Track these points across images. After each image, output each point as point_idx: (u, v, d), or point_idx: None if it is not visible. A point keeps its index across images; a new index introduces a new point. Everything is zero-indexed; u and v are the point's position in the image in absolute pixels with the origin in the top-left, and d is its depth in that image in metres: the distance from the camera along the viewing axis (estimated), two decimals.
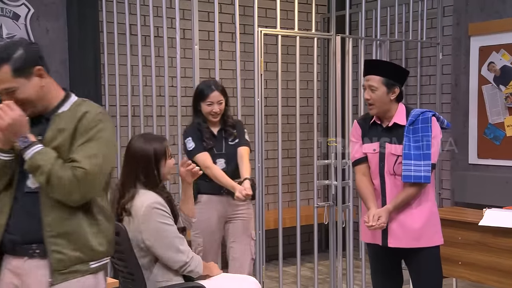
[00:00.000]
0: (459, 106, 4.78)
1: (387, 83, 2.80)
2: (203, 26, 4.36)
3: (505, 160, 4.49)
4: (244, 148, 3.33)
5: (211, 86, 3.29)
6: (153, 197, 2.53)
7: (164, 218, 2.50)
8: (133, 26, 4.10)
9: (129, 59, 4.07)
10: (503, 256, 3.40)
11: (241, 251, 3.32)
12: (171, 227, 2.52)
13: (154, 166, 2.54)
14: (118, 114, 4.14)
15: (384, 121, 2.88)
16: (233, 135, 3.34)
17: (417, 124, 2.79)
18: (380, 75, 2.80)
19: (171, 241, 2.50)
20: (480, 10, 4.63)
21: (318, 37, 4.29)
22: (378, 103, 2.81)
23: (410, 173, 2.73)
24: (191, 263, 2.54)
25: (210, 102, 3.26)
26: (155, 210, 2.49)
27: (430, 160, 2.75)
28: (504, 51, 4.50)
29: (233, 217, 3.35)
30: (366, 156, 2.90)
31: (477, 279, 3.58)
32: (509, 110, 4.49)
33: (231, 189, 3.21)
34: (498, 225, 3.36)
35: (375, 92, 2.80)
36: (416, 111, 2.84)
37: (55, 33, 4.18)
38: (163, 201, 2.54)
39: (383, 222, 2.76)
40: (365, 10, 4.43)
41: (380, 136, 2.85)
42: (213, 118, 3.29)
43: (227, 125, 3.34)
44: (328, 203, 4.17)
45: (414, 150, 2.74)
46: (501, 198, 4.22)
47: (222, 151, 3.30)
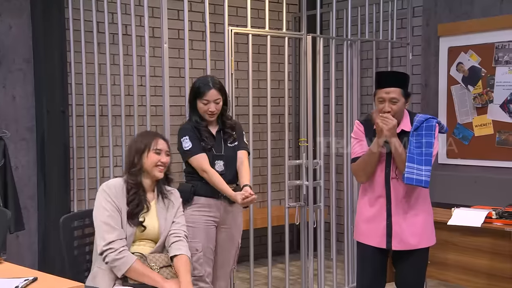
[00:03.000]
0: (428, 107, 4.82)
1: (405, 94, 2.84)
2: (172, 24, 4.31)
3: (473, 159, 4.55)
4: (244, 152, 3.22)
5: (209, 84, 3.12)
6: (111, 181, 2.67)
7: (102, 200, 2.58)
8: (100, 24, 4.03)
9: (96, 57, 4.00)
10: (472, 255, 3.42)
11: (225, 260, 3.23)
12: (105, 211, 2.56)
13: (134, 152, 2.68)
14: (85, 113, 4.07)
15: None
16: (233, 137, 3.20)
17: (421, 130, 2.82)
18: (399, 86, 2.81)
19: (98, 223, 2.57)
20: (449, 11, 4.68)
21: (289, 37, 4.27)
22: (397, 115, 2.82)
23: (412, 176, 2.76)
24: (108, 254, 2.51)
25: (206, 100, 3.09)
26: (101, 190, 2.63)
27: (430, 165, 2.80)
28: (472, 51, 4.56)
29: (227, 226, 3.22)
30: None
31: (446, 278, 3.60)
32: (477, 110, 4.55)
33: (228, 197, 3.08)
34: (466, 224, 3.39)
35: (396, 104, 2.81)
36: (420, 117, 2.87)
37: (18, 30, 4.08)
38: (114, 185, 2.62)
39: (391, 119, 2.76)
40: (336, 9, 4.45)
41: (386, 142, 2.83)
42: (210, 117, 3.13)
43: (226, 126, 3.18)
44: (300, 204, 4.16)
45: (417, 155, 2.78)
46: (469, 198, 4.27)
47: (221, 152, 3.14)
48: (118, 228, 2.55)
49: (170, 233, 2.68)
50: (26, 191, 4.16)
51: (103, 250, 2.52)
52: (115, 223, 2.54)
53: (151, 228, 2.64)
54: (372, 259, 2.95)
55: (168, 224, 2.69)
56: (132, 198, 2.61)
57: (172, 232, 2.68)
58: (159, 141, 2.71)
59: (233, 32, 3.87)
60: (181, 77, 4.32)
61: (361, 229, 2.97)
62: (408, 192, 2.85)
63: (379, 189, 2.88)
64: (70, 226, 2.76)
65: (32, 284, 2.26)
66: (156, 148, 2.68)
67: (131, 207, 2.59)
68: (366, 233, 2.94)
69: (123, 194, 2.60)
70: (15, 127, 4.11)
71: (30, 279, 2.27)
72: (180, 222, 2.73)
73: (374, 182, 2.90)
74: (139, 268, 2.53)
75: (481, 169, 4.50)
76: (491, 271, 3.35)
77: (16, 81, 4.11)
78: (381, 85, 2.84)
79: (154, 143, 2.69)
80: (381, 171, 2.87)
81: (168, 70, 3.63)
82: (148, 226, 2.63)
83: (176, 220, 2.72)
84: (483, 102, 4.52)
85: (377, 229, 2.90)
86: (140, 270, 2.52)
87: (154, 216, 2.66)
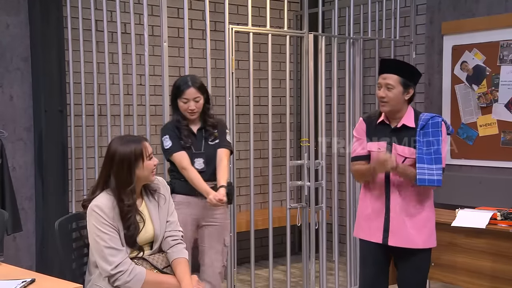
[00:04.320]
0: (432, 106, 4.80)
1: (404, 83, 2.85)
2: (172, 23, 4.30)
3: (478, 160, 4.52)
4: (224, 150, 3.21)
5: (188, 82, 3.17)
6: (100, 200, 2.47)
7: (98, 223, 2.44)
8: (99, 22, 4.01)
9: (95, 56, 3.98)
10: (476, 257, 3.41)
11: (214, 258, 3.23)
12: (104, 235, 2.43)
13: (127, 168, 2.47)
14: (84, 113, 4.06)
15: (392, 122, 2.91)
16: (214, 135, 3.22)
17: (428, 129, 2.84)
18: (398, 74, 2.84)
19: (101, 248, 2.44)
20: (453, 8, 4.65)
21: (291, 35, 4.25)
22: (392, 102, 2.84)
23: (424, 177, 2.78)
24: (119, 277, 2.43)
25: (185, 99, 3.15)
26: (93, 212, 2.46)
27: (441, 164, 2.81)
28: (477, 50, 4.51)
29: (208, 222, 3.23)
30: (368, 155, 2.92)
31: (450, 281, 3.58)
32: (481, 109, 4.51)
33: (205, 194, 3.10)
34: (470, 226, 3.37)
35: (391, 91, 2.83)
36: (426, 116, 2.89)
37: (16, 29, 4.06)
38: (106, 206, 2.45)
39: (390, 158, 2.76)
40: (338, 8, 4.42)
41: (387, 136, 2.88)
42: (190, 115, 3.16)
43: (207, 124, 3.21)
44: (301, 205, 4.15)
45: (426, 154, 2.79)
46: (474, 199, 4.24)
47: (201, 150, 3.18)
48: (121, 248, 2.47)
49: (167, 235, 2.62)
50: (24, 192, 4.13)
51: (112, 274, 2.43)
52: (117, 245, 2.46)
53: (145, 235, 2.58)
54: (373, 256, 2.96)
55: (162, 224, 2.61)
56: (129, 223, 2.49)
57: (168, 235, 2.62)
58: (147, 145, 2.53)
59: (234, 31, 3.86)
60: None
61: (361, 226, 3.00)
62: (410, 191, 2.85)
63: (380, 187, 2.89)
64: (67, 228, 2.71)
65: (30, 286, 2.26)
66: (149, 154, 2.52)
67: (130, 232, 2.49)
68: (365, 230, 2.97)
69: (118, 216, 2.47)
70: (13, 127, 4.08)
71: (28, 281, 2.26)
72: (174, 221, 2.66)
73: (375, 181, 2.91)
74: (152, 279, 2.49)
75: (485, 169, 4.47)
76: (496, 273, 3.35)
77: (14, 80, 4.09)
78: (380, 71, 2.90)
79: (145, 149, 2.50)
80: None
81: (168, 69, 3.61)
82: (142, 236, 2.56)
83: (171, 219, 2.65)
84: (488, 102, 4.48)
85: (376, 225, 2.92)
86: (154, 280, 2.49)
87: (148, 222, 2.59)
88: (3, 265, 2.56)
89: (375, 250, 2.94)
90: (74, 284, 2.31)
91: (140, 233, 2.53)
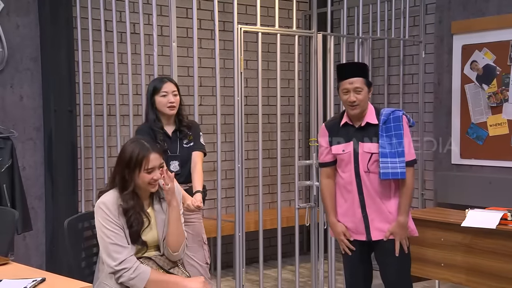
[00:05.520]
0: (441, 106, 4.77)
1: (367, 83, 2.93)
2: (181, 23, 4.30)
3: (488, 160, 4.48)
4: (198, 153, 3.22)
5: (163, 79, 3.25)
6: (107, 197, 2.51)
7: (104, 220, 2.47)
8: (108, 22, 4.02)
9: (104, 56, 3.98)
10: (486, 258, 3.39)
11: (196, 257, 3.20)
12: (109, 231, 2.45)
13: (126, 171, 2.49)
14: (93, 113, 4.07)
15: (356, 122, 2.96)
16: (188, 137, 3.22)
17: (390, 123, 2.90)
18: (361, 76, 2.90)
19: (106, 245, 2.47)
20: (463, 8, 4.61)
21: (299, 35, 4.24)
22: (362, 103, 2.91)
23: (387, 170, 2.86)
24: (123, 274, 2.44)
25: (165, 92, 3.14)
26: (99, 209, 2.49)
27: (404, 157, 2.88)
28: (487, 49, 4.48)
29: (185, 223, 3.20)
30: (335, 160, 3.00)
31: (460, 281, 3.56)
32: (492, 109, 4.48)
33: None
34: (481, 226, 3.35)
35: (360, 93, 2.89)
36: (387, 110, 2.95)
37: (26, 29, 4.08)
38: (112, 203, 2.48)
39: (404, 237, 2.94)
40: (347, 7, 4.40)
41: (352, 136, 2.94)
42: (170, 110, 3.15)
43: (182, 125, 3.22)
44: (310, 204, 4.14)
45: (388, 148, 2.87)
46: (484, 199, 4.21)
47: (176, 153, 3.18)
48: (126, 245, 2.48)
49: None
50: (34, 191, 4.14)
51: (117, 270, 2.44)
52: (122, 242, 2.47)
53: (151, 240, 2.59)
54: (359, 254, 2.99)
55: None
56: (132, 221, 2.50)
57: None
58: (151, 158, 2.48)
59: (243, 31, 3.85)
60: (190, 76, 4.29)
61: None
62: (380, 183, 2.91)
63: (351, 184, 2.94)
64: (76, 228, 2.73)
65: (40, 285, 2.26)
66: (148, 167, 2.48)
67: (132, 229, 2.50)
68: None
69: (121, 214, 2.49)
70: (23, 126, 4.10)
71: (38, 280, 2.27)
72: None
73: (345, 179, 2.96)
74: (157, 278, 2.49)
75: (496, 169, 4.44)
76: (506, 274, 3.33)
77: (24, 80, 4.10)
78: (343, 77, 2.92)
79: (146, 161, 2.47)
80: (350, 167, 2.94)
81: (177, 69, 3.62)
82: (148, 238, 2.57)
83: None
84: (498, 101, 4.45)
85: (353, 223, 2.96)
86: (158, 279, 2.49)
87: (153, 226, 2.59)
88: (13, 264, 2.58)
89: (361, 248, 2.98)
90: (84, 283, 2.32)
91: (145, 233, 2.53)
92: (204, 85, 4.82)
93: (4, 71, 4.01)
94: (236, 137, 3.85)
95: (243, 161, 3.94)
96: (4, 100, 4.03)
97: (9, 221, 2.97)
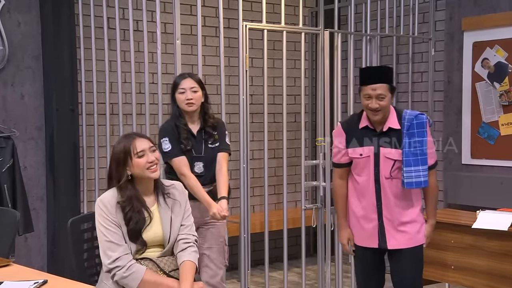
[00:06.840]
0: (452, 104, 4.73)
1: (391, 88, 2.86)
2: (185, 20, 4.29)
3: (499, 160, 4.45)
4: (224, 155, 3.17)
5: (184, 75, 3.19)
6: (105, 195, 2.52)
7: (100, 217, 2.48)
8: (111, 20, 4.00)
9: (107, 54, 3.98)
10: (497, 260, 3.36)
11: (215, 258, 3.19)
12: (105, 229, 2.45)
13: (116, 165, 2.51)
14: (95, 112, 4.07)
15: (377, 126, 2.89)
16: (214, 137, 3.17)
17: (413, 129, 2.85)
18: (385, 82, 2.83)
19: (101, 241, 2.48)
20: (474, 4, 4.58)
21: (306, 32, 4.21)
22: (384, 109, 2.85)
23: (411, 180, 2.84)
24: (116, 272, 2.42)
25: (182, 89, 3.10)
26: (97, 207, 2.50)
27: (427, 164, 2.86)
28: (499, 46, 4.44)
29: (207, 223, 3.19)
30: (350, 162, 2.94)
31: (471, 284, 3.52)
32: (503, 108, 4.44)
33: (205, 205, 3.06)
34: (492, 228, 3.33)
35: (383, 100, 2.82)
36: (409, 115, 2.88)
37: (27, 26, 4.08)
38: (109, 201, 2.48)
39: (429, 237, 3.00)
40: (355, 4, 4.41)
41: (373, 141, 2.89)
42: (188, 107, 3.10)
43: (207, 125, 3.17)
44: (316, 205, 4.12)
45: (412, 156, 2.83)
46: (495, 200, 4.17)
47: (201, 154, 3.13)
48: (122, 244, 2.46)
49: (179, 238, 2.58)
50: (35, 192, 4.13)
51: (110, 268, 2.44)
52: (117, 240, 2.45)
53: (154, 237, 2.54)
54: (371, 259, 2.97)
55: (175, 228, 2.58)
56: (129, 217, 2.48)
57: (181, 238, 2.59)
58: (137, 143, 2.50)
59: (248, 28, 3.83)
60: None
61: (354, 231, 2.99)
62: (401, 191, 2.87)
63: (367, 189, 2.89)
64: (79, 228, 2.72)
65: (42, 287, 2.28)
66: (137, 152, 2.48)
67: (130, 227, 2.47)
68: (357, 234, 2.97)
69: (119, 210, 2.48)
70: (24, 126, 4.09)
71: (40, 282, 2.28)
72: (189, 224, 2.63)
73: (360, 183, 2.91)
74: (150, 278, 2.46)
75: (507, 170, 4.40)
76: None
77: (25, 79, 4.10)
78: (366, 82, 2.84)
79: (133, 147, 2.48)
80: (367, 172, 2.88)
81: (181, 67, 3.60)
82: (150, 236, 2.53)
83: (185, 224, 2.62)
84: (510, 100, 4.40)
85: (367, 229, 2.92)
86: (152, 280, 2.46)
87: (158, 223, 2.54)
88: (14, 266, 2.59)
89: (370, 254, 2.95)
90: (86, 285, 2.32)
91: (146, 231, 2.50)
92: (208, 83, 4.75)
93: (5, 70, 4.01)
94: (241, 136, 3.82)
95: (249, 161, 3.92)
96: (5, 99, 4.02)
97: (10, 222, 2.98)
